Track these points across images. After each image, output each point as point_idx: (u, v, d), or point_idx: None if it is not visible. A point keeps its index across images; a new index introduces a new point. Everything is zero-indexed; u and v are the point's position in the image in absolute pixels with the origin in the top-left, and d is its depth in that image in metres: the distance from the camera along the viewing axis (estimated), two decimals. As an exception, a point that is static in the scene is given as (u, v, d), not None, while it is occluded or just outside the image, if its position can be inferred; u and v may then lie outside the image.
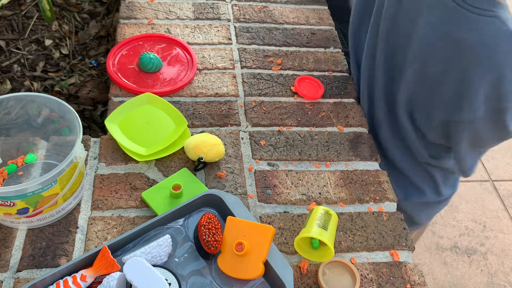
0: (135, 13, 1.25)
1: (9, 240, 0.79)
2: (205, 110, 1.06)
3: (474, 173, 1.13)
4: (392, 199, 0.95)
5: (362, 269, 0.84)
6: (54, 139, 0.89)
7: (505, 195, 2.24)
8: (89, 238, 0.81)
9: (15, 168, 0.87)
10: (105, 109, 1.21)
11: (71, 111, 0.79)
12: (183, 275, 0.74)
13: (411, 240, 0.89)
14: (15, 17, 1.37)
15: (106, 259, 0.69)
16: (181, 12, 1.28)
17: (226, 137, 1.01)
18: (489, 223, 2.12)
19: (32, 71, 1.27)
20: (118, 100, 1.04)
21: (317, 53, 1.25)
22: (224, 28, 1.26)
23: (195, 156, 0.92)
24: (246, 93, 1.11)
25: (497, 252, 2.02)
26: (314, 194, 0.93)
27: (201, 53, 1.18)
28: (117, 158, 0.93)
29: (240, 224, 0.76)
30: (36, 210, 0.76)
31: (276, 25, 1.30)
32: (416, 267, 0.86)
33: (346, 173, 0.98)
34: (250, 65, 1.17)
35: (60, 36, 1.36)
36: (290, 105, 1.10)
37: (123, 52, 1.14)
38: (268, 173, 0.95)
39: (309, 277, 0.81)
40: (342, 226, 0.89)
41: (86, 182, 0.88)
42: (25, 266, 0.76)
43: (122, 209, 0.86)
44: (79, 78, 1.28)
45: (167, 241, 0.74)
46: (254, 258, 0.73)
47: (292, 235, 0.86)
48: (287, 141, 1.02)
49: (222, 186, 0.92)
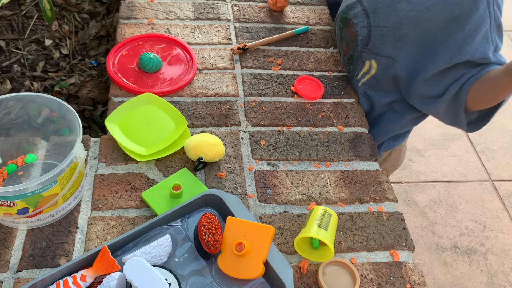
0: (135, 13, 1.25)
1: (9, 240, 0.79)
2: (205, 110, 1.06)
3: (474, 173, 1.15)
4: (392, 199, 0.95)
5: (362, 269, 0.84)
6: (54, 139, 0.89)
7: (505, 195, 2.24)
8: (89, 238, 0.81)
9: (15, 168, 0.87)
10: (105, 109, 1.21)
11: (71, 111, 0.79)
12: (183, 275, 0.74)
13: (411, 240, 0.89)
14: (15, 17, 1.37)
15: (106, 259, 0.69)
16: (181, 12, 1.28)
17: (226, 137, 1.01)
18: (489, 223, 2.12)
19: (32, 71, 1.27)
20: (118, 100, 1.04)
21: (317, 53, 1.25)
22: (224, 28, 1.26)
23: (195, 156, 0.92)
24: (246, 93, 1.11)
25: (497, 252, 2.02)
26: (314, 194, 0.93)
27: (201, 53, 1.18)
28: (117, 158, 0.93)
29: (240, 224, 0.76)
30: (36, 210, 0.76)
31: (276, 25, 1.30)
32: (416, 267, 0.86)
33: (346, 173, 0.98)
34: (250, 65, 1.17)
35: (60, 36, 1.36)
36: (290, 105, 1.10)
37: (123, 52, 1.14)
38: (268, 173, 0.95)
39: (309, 277, 0.81)
40: (342, 226, 0.89)
41: (86, 182, 0.88)
42: (25, 266, 0.76)
43: (122, 209, 0.86)
44: (79, 78, 1.28)
45: (167, 241, 0.74)
46: (254, 258, 0.73)
47: (292, 235, 0.86)
48: (287, 141, 1.02)
49: (222, 186, 0.92)
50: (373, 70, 1.11)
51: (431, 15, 0.95)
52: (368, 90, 1.14)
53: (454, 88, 0.96)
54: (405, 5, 0.98)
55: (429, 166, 2.33)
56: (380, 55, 1.07)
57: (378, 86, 1.13)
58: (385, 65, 1.07)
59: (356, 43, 1.10)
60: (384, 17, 1.02)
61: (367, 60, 1.10)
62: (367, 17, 1.06)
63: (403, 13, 0.98)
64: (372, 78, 1.12)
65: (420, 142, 2.44)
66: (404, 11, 0.98)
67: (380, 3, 1.03)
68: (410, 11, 0.97)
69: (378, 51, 1.07)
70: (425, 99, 1.03)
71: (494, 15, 0.92)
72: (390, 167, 1.38)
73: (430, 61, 0.98)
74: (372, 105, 1.16)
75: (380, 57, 1.07)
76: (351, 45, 1.13)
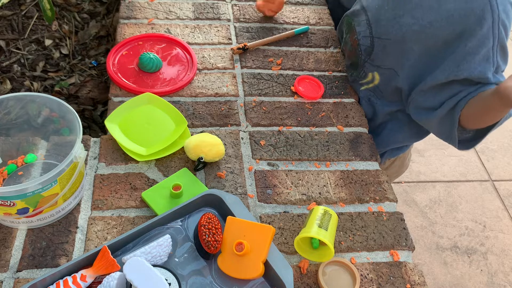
0: (135, 13, 1.25)
1: (9, 240, 0.79)
2: (205, 110, 1.06)
3: (474, 173, 1.14)
4: (392, 199, 0.95)
5: (362, 269, 0.84)
6: (54, 139, 0.89)
7: (505, 195, 2.24)
8: (89, 238, 0.81)
9: (15, 168, 0.87)
10: (105, 109, 1.21)
11: (71, 111, 0.79)
12: (183, 275, 0.74)
13: (411, 240, 0.89)
14: (15, 17, 1.37)
15: (106, 259, 0.69)
16: (181, 12, 1.28)
17: (226, 137, 1.01)
18: (489, 223, 2.12)
19: (32, 71, 1.27)
20: (118, 100, 1.04)
21: (317, 53, 1.25)
22: (224, 28, 1.26)
23: (195, 156, 0.92)
24: (246, 93, 1.11)
25: (497, 252, 2.02)
26: (314, 194, 0.93)
27: (201, 53, 1.18)
28: (117, 158, 0.93)
29: (240, 224, 0.76)
30: (36, 210, 0.76)
31: (276, 25, 1.30)
32: (416, 267, 0.86)
33: (346, 173, 0.98)
34: (250, 65, 1.17)
35: (60, 36, 1.36)
36: (290, 105, 1.10)
37: (123, 52, 1.14)
38: (268, 173, 0.95)
39: (309, 277, 0.81)
40: (342, 226, 0.89)
41: (86, 182, 0.88)
42: (25, 266, 0.76)
43: (122, 209, 0.86)
44: (79, 78, 1.28)
45: (167, 241, 0.74)
46: (254, 258, 0.73)
47: (292, 235, 0.86)
48: (287, 141, 1.02)
49: (222, 186, 0.92)
50: (376, 81, 1.10)
51: (434, 30, 0.93)
52: (372, 97, 1.14)
53: (449, 105, 0.94)
54: (408, 19, 0.96)
55: (429, 166, 2.33)
56: (382, 67, 1.06)
57: (381, 95, 1.12)
58: (388, 77, 1.06)
59: (359, 51, 1.10)
60: (386, 30, 1.01)
61: (370, 72, 1.10)
62: (369, 28, 1.05)
63: (406, 28, 0.97)
64: (375, 87, 1.12)
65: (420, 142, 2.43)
66: (407, 26, 0.97)
67: (383, 15, 1.02)
68: (413, 25, 0.96)
69: (380, 63, 1.06)
70: (421, 110, 1.02)
71: (499, 36, 0.89)
72: (393, 174, 1.36)
73: (430, 73, 0.96)
74: (374, 112, 1.15)
75: (382, 69, 1.06)
76: (354, 52, 1.13)
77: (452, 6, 0.90)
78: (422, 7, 0.94)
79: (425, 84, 0.97)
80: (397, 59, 1.02)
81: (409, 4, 0.96)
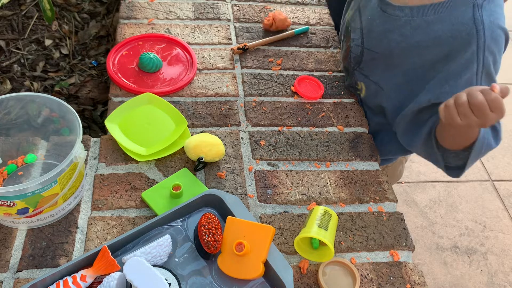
0: (135, 13, 1.25)
1: (9, 240, 0.79)
2: (205, 110, 1.06)
3: (474, 173, 1.13)
4: (392, 199, 0.95)
5: (362, 269, 0.84)
6: (54, 139, 0.89)
7: (505, 195, 2.24)
8: (89, 238, 0.81)
9: (15, 168, 0.87)
10: (105, 109, 1.21)
11: (71, 111, 0.79)
12: (183, 275, 0.74)
13: (411, 240, 0.89)
14: (15, 17, 1.37)
15: (106, 259, 0.69)
16: (181, 12, 1.28)
17: (226, 137, 1.01)
18: (489, 223, 2.12)
19: (32, 71, 1.27)
20: (118, 100, 1.04)
21: (317, 53, 1.25)
22: (224, 28, 1.26)
23: (195, 156, 0.92)
24: (246, 93, 1.11)
25: (497, 252, 2.02)
26: (314, 194, 0.93)
27: (201, 53, 1.18)
28: (117, 158, 0.93)
29: (240, 224, 0.76)
30: (36, 210, 0.76)
31: (276, 25, 1.30)
32: (416, 267, 0.86)
33: (346, 173, 0.98)
34: (250, 65, 1.17)
35: (60, 36, 1.36)
36: (290, 105, 1.10)
37: (123, 52, 1.14)
38: (268, 173, 0.95)
39: (309, 277, 0.81)
40: (342, 226, 0.89)
41: (86, 182, 0.88)
42: (25, 266, 0.76)
43: (122, 209, 0.86)
44: (79, 78, 1.28)
45: (167, 241, 0.74)
46: (254, 258, 0.73)
47: (292, 235, 0.86)
48: (287, 141, 1.02)
49: (222, 186, 0.92)
50: (363, 92, 1.10)
51: (420, 50, 0.92)
52: (363, 105, 1.14)
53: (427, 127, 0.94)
54: (397, 36, 0.95)
55: (429, 166, 2.33)
56: (370, 78, 1.06)
57: (368, 108, 1.12)
58: (373, 92, 1.06)
59: (350, 58, 1.10)
60: (376, 43, 1.01)
61: (359, 81, 1.10)
62: (362, 37, 1.04)
63: (394, 44, 0.96)
64: (364, 98, 1.12)
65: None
66: (396, 42, 0.96)
67: (375, 27, 1.01)
68: (401, 42, 0.95)
69: (368, 74, 1.06)
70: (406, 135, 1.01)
71: (484, 62, 0.86)
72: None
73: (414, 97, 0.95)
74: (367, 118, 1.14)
75: (369, 81, 1.06)
76: (346, 58, 1.13)
77: (439, 27, 0.89)
78: (411, 25, 0.93)
79: (409, 109, 0.96)
80: (383, 73, 1.02)
81: (398, 21, 0.95)
